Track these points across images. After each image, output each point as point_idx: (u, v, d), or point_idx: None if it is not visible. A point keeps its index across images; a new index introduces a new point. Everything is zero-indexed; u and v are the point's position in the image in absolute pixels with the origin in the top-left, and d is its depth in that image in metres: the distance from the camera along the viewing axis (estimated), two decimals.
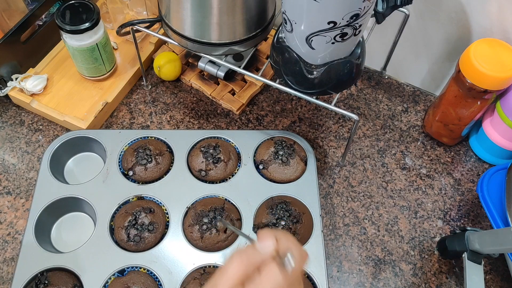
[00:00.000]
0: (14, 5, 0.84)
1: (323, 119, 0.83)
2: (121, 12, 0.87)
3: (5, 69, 0.79)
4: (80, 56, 0.77)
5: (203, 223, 0.67)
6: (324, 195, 0.75)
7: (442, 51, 0.79)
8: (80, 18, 0.74)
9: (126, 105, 0.83)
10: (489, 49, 0.66)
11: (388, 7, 0.66)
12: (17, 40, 0.79)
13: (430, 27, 0.76)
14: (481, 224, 0.73)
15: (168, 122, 0.82)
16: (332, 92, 0.66)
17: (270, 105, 0.84)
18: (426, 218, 0.73)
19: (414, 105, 0.85)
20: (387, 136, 0.82)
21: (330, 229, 0.72)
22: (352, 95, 0.86)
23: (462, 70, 0.68)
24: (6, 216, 0.71)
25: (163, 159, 0.73)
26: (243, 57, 0.82)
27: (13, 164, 0.76)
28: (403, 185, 0.76)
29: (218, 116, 0.83)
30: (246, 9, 0.65)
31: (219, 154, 0.73)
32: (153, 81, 0.87)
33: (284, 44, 0.63)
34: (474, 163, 0.79)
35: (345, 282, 0.68)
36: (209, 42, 0.68)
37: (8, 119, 0.81)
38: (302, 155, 0.75)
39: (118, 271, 0.64)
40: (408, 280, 0.68)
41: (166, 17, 0.69)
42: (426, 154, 0.80)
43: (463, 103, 0.71)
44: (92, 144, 0.76)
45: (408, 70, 0.86)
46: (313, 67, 0.62)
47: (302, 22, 0.56)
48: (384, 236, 0.72)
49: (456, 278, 0.68)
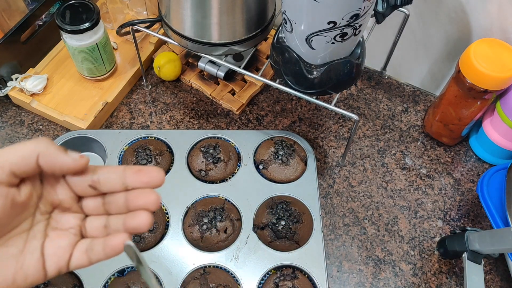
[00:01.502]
0: (14, 5, 0.84)
1: (323, 119, 0.83)
2: (121, 12, 0.87)
3: (5, 69, 0.79)
4: (80, 56, 0.77)
5: (203, 223, 0.67)
6: (324, 195, 0.75)
7: (442, 51, 0.79)
8: (80, 18, 0.74)
9: (126, 105, 0.83)
10: (489, 49, 0.66)
11: (388, 7, 0.66)
12: (17, 40, 0.79)
13: (430, 27, 0.76)
14: (481, 224, 0.73)
15: (168, 122, 0.82)
16: (332, 92, 0.66)
17: (270, 105, 0.84)
18: (426, 218, 0.73)
19: (414, 105, 0.85)
20: (387, 136, 0.82)
21: (330, 229, 0.72)
22: (352, 95, 0.86)
23: (462, 70, 0.68)
24: None
25: (163, 159, 0.73)
26: (243, 57, 0.82)
27: None
28: (403, 185, 0.76)
29: (218, 116, 0.83)
30: (246, 9, 0.65)
31: (219, 154, 0.73)
32: (153, 81, 0.87)
33: (284, 44, 0.63)
34: (474, 163, 0.79)
35: (345, 282, 0.68)
36: (209, 42, 0.68)
37: (8, 119, 0.81)
38: (302, 155, 0.75)
39: (118, 271, 0.64)
40: (408, 280, 0.68)
41: (166, 17, 0.69)
42: (426, 154, 0.80)
43: (463, 103, 0.71)
44: (92, 144, 0.76)
45: (408, 70, 0.86)
46: (313, 67, 0.62)
47: (302, 22, 0.56)
48: (384, 236, 0.72)
49: (456, 278, 0.68)
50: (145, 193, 0.37)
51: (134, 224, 0.36)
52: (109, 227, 0.38)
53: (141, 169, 0.37)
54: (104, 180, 0.37)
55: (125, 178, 0.37)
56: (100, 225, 0.38)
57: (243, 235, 0.68)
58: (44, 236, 0.37)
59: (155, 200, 0.36)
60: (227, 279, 0.64)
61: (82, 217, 0.38)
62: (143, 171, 0.37)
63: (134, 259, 0.36)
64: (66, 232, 0.37)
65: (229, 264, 0.65)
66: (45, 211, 0.38)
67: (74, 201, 0.38)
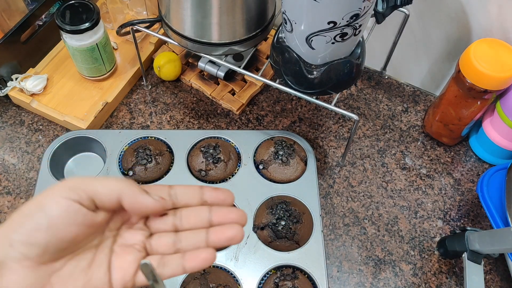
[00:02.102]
0: (14, 5, 0.84)
1: (323, 119, 0.83)
2: (121, 12, 0.87)
3: (5, 69, 0.79)
4: (80, 56, 0.77)
5: None
6: (324, 195, 0.75)
7: (442, 51, 0.79)
8: (80, 18, 0.74)
9: (126, 105, 0.83)
10: (489, 49, 0.66)
11: (388, 7, 0.66)
12: (17, 40, 0.79)
13: (430, 27, 0.76)
14: (481, 224, 0.73)
15: (168, 122, 0.82)
16: (332, 92, 0.66)
17: (270, 105, 0.84)
18: (426, 218, 0.73)
19: (414, 105, 0.85)
20: (387, 136, 0.82)
21: (330, 229, 0.72)
22: (352, 95, 0.86)
23: (462, 70, 0.68)
24: (6, 216, 0.71)
25: (163, 159, 0.73)
26: (243, 57, 0.82)
27: (13, 164, 0.76)
28: (403, 185, 0.76)
29: (218, 116, 0.83)
30: (246, 9, 0.65)
31: (219, 154, 0.73)
32: (153, 81, 0.87)
33: (284, 44, 0.63)
34: (474, 163, 0.79)
35: (345, 282, 0.68)
36: (209, 42, 0.68)
37: (8, 119, 0.81)
38: (302, 155, 0.75)
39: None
40: (408, 280, 0.68)
41: (166, 17, 0.69)
42: (426, 154, 0.80)
43: (463, 103, 0.71)
44: (92, 144, 0.76)
45: (408, 70, 0.86)
46: (313, 67, 0.62)
47: (302, 22, 0.56)
48: (384, 236, 0.72)
49: (456, 278, 0.68)
50: (234, 209, 0.39)
51: (228, 234, 0.38)
52: (182, 242, 0.39)
53: (216, 190, 0.40)
54: (181, 195, 0.39)
55: (202, 194, 0.39)
56: (168, 242, 0.39)
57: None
58: (111, 252, 0.39)
59: (245, 216, 0.39)
60: (227, 279, 0.64)
61: (147, 234, 0.40)
62: (218, 191, 0.40)
63: (151, 278, 0.37)
64: (131, 247, 0.39)
65: (229, 264, 0.65)
66: (114, 227, 0.39)
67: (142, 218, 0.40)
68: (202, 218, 0.39)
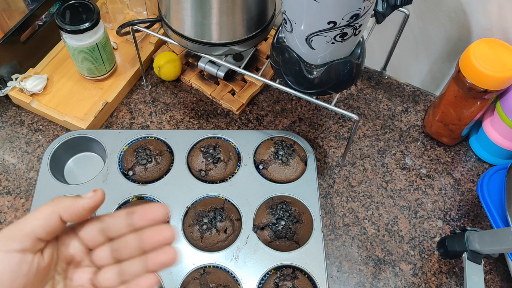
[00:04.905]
0: (14, 5, 0.84)
1: (323, 119, 0.83)
2: (121, 12, 0.87)
3: (5, 69, 0.79)
4: (80, 56, 0.77)
5: (203, 223, 0.67)
6: (324, 195, 0.75)
7: (442, 51, 0.79)
8: (80, 18, 0.74)
9: (126, 105, 0.83)
10: (489, 49, 0.66)
11: (388, 7, 0.66)
12: (17, 40, 0.79)
13: (430, 27, 0.76)
14: (481, 224, 0.73)
15: (168, 122, 0.82)
16: (332, 92, 0.66)
17: (270, 105, 0.84)
18: (426, 218, 0.73)
19: (414, 105, 0.85)
20: (387, 136, 0.82)
21: (330, 229, 0.72)
22: (352, 95, 0.86)
23: (462, 70, 0.68)
24: (6, 216, 0.71)
25: (163, 159, 0.73)
26: (243, 57, 0.82)
27: (13, 164, 0.76)
28: (403, 185, 0.76)
29: (218, 116, 0.83)
30: (246, 9, 0.65)
31: (219, 154, 0.73)
32: (153, 81, 0.87)
33: (284, 44, 0.63)
34: (474, 163, 0.79)
35: (345, 282, 0.68)
36: (209, 42, 0.68)
37: (8, 119, 0.81)
38: (302, 155, 0.75)
39: None
40: (408, 280, 0.68)
41: (166, 17, 0.69)
42: (426, 154, 0.80)
43: (463, 103, 0.71)
44: (92, 144, 0.76)
45: (408, 70, 0.86)
46: (313, 67, 0.62)
47: (302, 22, 0.56)
48: (384, 236, 0.72)
49: (456, 278, 0.68)
50: (160, 229, 0.38)
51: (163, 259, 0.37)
52: (124, 273, 0.39)
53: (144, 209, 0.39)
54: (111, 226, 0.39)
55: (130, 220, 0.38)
56: (113, 275, 0.39)
57: (243, 235, 0.68)
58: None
59: (172, 234, 0.38)
60: (227, 279, 0.64)
61: (93, 271, 0.39)
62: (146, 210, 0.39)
63: None
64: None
65: (229, 264, 0.65)
66: (61, 270, 0.39)
67: (85, 254, 0.39)
68: (134, 248, 0.39)
